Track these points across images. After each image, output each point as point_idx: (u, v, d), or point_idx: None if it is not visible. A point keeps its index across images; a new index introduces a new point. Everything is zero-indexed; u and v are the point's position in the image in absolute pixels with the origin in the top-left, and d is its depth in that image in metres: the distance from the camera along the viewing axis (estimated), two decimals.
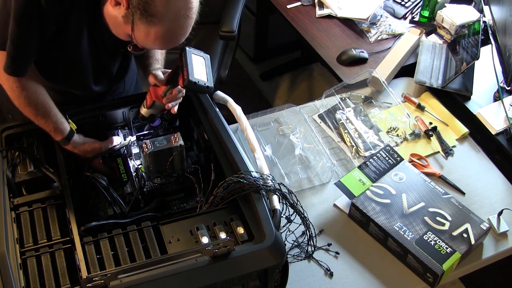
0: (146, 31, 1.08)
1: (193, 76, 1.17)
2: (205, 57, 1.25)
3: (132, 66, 1.56)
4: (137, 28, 1.09)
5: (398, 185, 1.43)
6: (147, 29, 1.08)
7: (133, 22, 1.08)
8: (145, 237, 1.11)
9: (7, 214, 1.12)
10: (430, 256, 1.27)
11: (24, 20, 1.10)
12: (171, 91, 1.28)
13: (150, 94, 1.33)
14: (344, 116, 1.67)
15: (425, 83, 1.78)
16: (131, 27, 1.09)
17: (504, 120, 1.65)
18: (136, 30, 1.09)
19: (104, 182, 1.23)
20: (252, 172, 1.17)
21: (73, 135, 1.28)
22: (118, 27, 1.14)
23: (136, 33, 1.10)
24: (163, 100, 1.30)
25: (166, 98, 1.29)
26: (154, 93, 1.32)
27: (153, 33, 1.09)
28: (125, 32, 1.13)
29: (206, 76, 1.21)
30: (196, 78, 1.18)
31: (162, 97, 1.29)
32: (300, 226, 1.26)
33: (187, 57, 1.19)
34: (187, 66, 1.18)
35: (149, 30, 1.08)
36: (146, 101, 1.35)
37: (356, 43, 2.02)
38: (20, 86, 1.21)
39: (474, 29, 1.81)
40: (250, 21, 2.83)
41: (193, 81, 1.17)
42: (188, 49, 1.21)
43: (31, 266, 1.05)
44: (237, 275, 1.02)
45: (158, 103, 1.32)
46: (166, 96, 1.28)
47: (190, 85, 1.17)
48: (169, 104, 1.29)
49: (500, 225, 1.41)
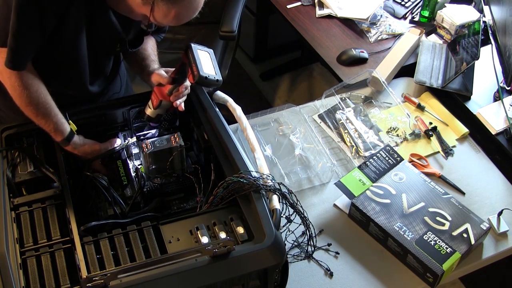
0: (167, 11, 1.12)
1: (203, 71, 1.20)
2: (210, 52, 1.28)
3: (122, 68, 1.58)
4: (157, 9, 1.12)
5: (398, 185, 1.43)
6: (168, 9, 1.11)
7: (153, 3, 1.10)
8: (145, 237, 1.11)
9: (7, 214, 1.12)
10: (430, 256, 1.26)
11: (24, 13, 1.11)
12: (177, 88, 1.30)
13: (156, 94, 1.34)
14: (344, 116, 1.67)
15: (425, 83, 1.78)
16: (151, 7, 1.11)
17: (504, 120, 1.65)
18: (156, 10, 1.12)
19: (104, 182, 1.23)
20: (252, 172, 1.17)
21: (73, 136, 1.28)
22: (133, 7, 1.16)
23: (155, 13, 1.13)
24: (170, 98, 1.31)
25: (173, 96, 1.31)
26: (160, 92, 1.33)
27: (174, 12, 1.12)
28: (141, 12, 1.16)
29: (214, 70, 1.24)
30: (206, 72, 1.21)
31: (169, 95, 1.31)
32: (300, 226, 1.26)
33: (194, 53, 1.22)
34: (195, 62, 1.21)
35: (170, 10, 1.12)
36: (151, 101, 1.36)
37: (356, 43, 2.02)
38: (22, 84, 1.21)
39: (474, 29, 1.81)
40: (250, 21, 2.83)
41: (204, 76, 1.20)
42: (193, 45, 1.24)
43: (31, 266, 1.05)
44: (237, 275, 1.02)
45: (165, 102, 1.34)
46: (173, 94, 1.30)
47: (201, 80, 1.20)
48: (177, 102, 1.31)
49: (500, 225, 1.41)
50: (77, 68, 1.31)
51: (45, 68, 1.27)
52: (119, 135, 1.38)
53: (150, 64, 1.40)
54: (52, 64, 1.28)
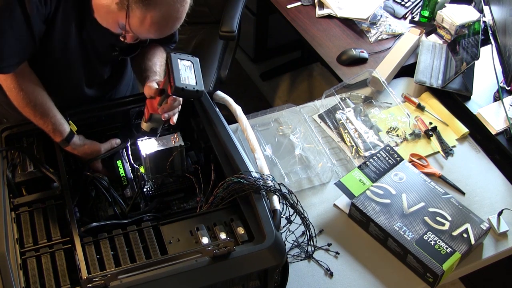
0: (142, 16, 1.07)
1: (180, 82, 1.13)
2: (193, 61, 1.20)
3: (128, 73, 1.54)
4: (132, 14, 1.07)
5: (398, 185, 1.43)
6: (143, 14, 1.06)
7: (128, 7, 1.06)
8: (145, 238, 1.11)
9: (7, 214, 1.11)
10: (430, 256, 1.27)
11: (6, 16, 1.09)
12: (166, 101, 1.23)
13: (147, 107, 1.29)
14: (344, 116, 1.67)
15: (425, 83, 1.78)
16: (126, 13, 1.07)
17: (504, 120, 1.65)
18: (131, 16, 1.07)
19: (105, 183, 1.23)
20: (252, 172, 1.17)
21: (72, 137, 1.28)
22: (110, 16, 1.11)
23: (131, 20, 1.08)
24: (158, 110, 1.25)
25: (161, 108, 1.24)
26: (151, 105, 1.27)
27: (149, 18, 1.07)
28: (117, 21, 1.10)
29: (195, 80, 1.17)
30: (184, 83, 1.14)
31: (158, 107, 1.25)
32: (300, 226, 1.26)
33: (172, 63, 1.15)
34: (173, 73, 1.14)
35: (145, 14, 1.06)
36: (144, 115, 1.31)
37: (356, 43, 2.02)
38: (17, 86, 1.21)
39: (474, 29, 1.81)
40: (250, 21, 2.83)
41: (180, 87, 1.13)
42: (173, 55, 1.17)
43: (31, 266, 1.05)
44: (237, 276, 1.02)
45: (155, 115, 1.28)
46: (161, 106, 1.24)
47: (178, 92, 1.14)
48: (165, 115, 1.24)
49: (500, 225, 1.41)
50: (70, 72, 1.30)
51: (40, 71, 1.27)
52: (119, 135, 1.38)
53: (149, 75, 1.33)
54: (46, 67, 1.27)
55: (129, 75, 1.56)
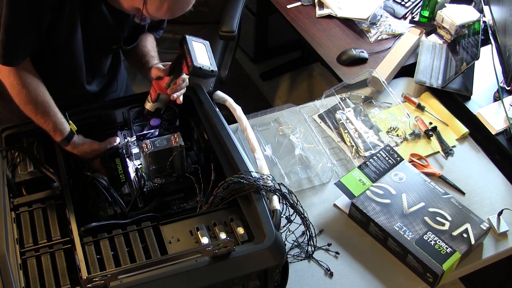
0: (160, 4, 1.12)
1: (197, 62, 1.21)
2: (205, 43, 1.28)
3: (122, 69, 1.58)
4: (150, 2, 1.12)
5: (398, 185, 1.43)
6: (160, 3, 1.12)
7: None
8: (145, 237, 1.11)
9: (7, 214, 1.11)
10: (430, 256, 1.27)
11: (15, 7, 1.10)
12: (175, 81, 1.31)
13: (154, 87, 1.35)
14: (344, 116, 1.67)
15: (425, 83, 1.78)
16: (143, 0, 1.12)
17: (504, 120, 1.65)
18: (149, 3, 1.12)
19: (105, 182, 1.23)
20: (252, 172, 1.17)
21: (73, 136, 1.28)
22: (126, 1, 1.16)
23: (148, 6, 1.13)
24: (167, 91, 1.32)
25: (170, 89, 1.31)
26: (158, 86, 1.34)
27: (166, 5, 1.13)
28: (134, 6, 1.16)
29: (209, 61, 1.25)
30: (200, 63, 1.21)
31: (166, 88, 1.31)
32: (300, 226, 1.26)
33: (188, 45, 1.23)
34: (189, 53, 1.21)
35: (163, 3, 1.12)
36: (150, 95, 1.37)
37: (356, 43, 2.02)
38: (20, 83, 1.21)
39: (474, 29, 1.81)
40: (250, 21, 2.83)
41: (198, 66, 1.20)
42: (188, 36, 1.25)
43: (31, 266, 1.05)
44: (237, 276, 1.02)
45: (163, 95, 1.34)
46: (170, 86, 1.31)
47: (196, 71, 1.21)
48: (174, 95, 1.32)
49: (500, 225, 1.41)
50: (73, 66, 1.31)
51: (42, 67, 1.27)
52: (118, 134, 1.38)
53: (149, 60, 1.41)
54: (49, 62, 1.28)
55: (123, 71, 1.60)
